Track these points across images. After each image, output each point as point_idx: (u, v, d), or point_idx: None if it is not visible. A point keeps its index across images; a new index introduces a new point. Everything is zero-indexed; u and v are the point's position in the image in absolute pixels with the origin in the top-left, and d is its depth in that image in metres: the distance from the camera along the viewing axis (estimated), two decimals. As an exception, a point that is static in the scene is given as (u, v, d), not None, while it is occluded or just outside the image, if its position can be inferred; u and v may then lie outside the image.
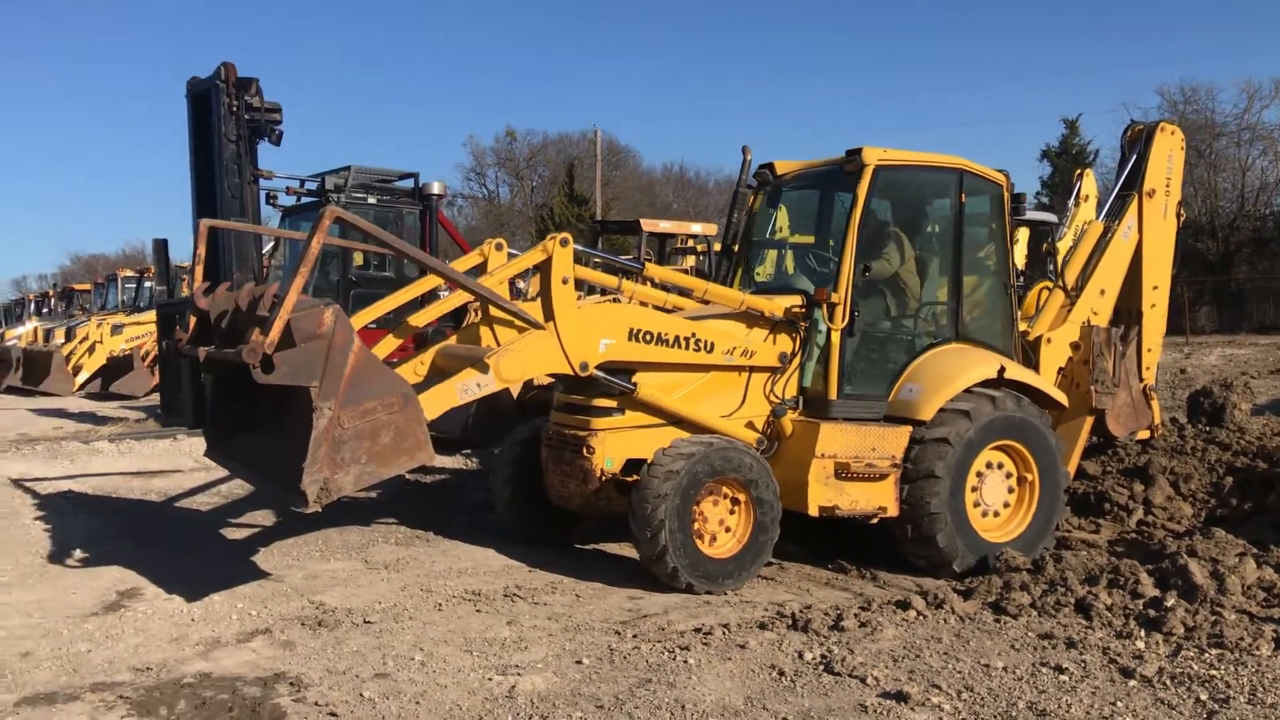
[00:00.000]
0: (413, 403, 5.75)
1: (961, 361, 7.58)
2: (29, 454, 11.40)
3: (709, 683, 5.04)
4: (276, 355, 5.37)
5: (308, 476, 5.36)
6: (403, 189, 14.32)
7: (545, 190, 58.79)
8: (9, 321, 35.71)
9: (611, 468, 6.97)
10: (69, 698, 4.85)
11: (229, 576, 6.90)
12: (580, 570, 7.18)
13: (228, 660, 5.36)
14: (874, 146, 7.46)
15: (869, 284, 7.54)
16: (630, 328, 6.92)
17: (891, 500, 7.28)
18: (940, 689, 4.91)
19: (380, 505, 9.33)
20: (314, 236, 5.66)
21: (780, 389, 7.45)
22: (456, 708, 4.72)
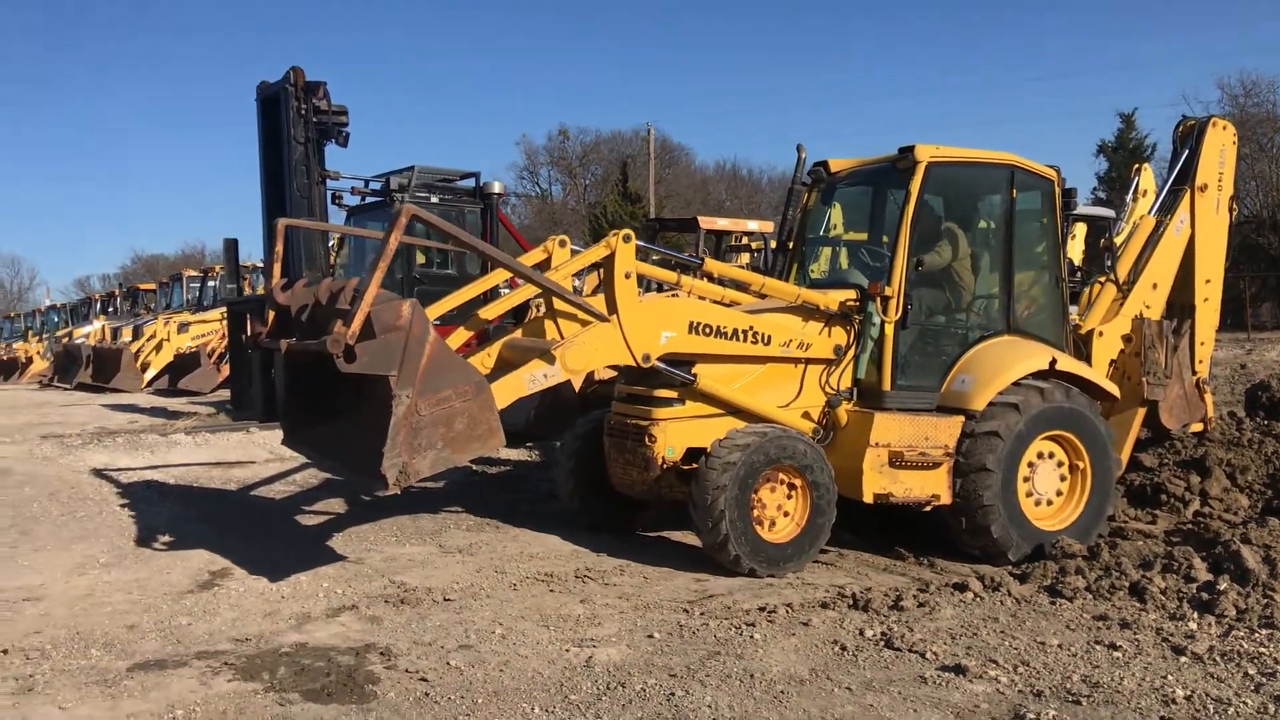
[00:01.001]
0: (485, 391, 6.01)
1: (1013, 353, 7.75)
2: (110, 446, 11.89)
3: (775, 655, 5.29)
4: (358, 346, 5.65)
5: (388, 460, 5.63)
6: (464, 188, 14.66)
7: (598, 189, 59.21)
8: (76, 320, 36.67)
9: (672, 456, 7.23)
10: (177, 664, 5.21)
11: (312, 558, 7.27)
12: (646, 555, 7.45)
13: (320, 633, 5.71)
14: (926, 144, 7.66)
15: (922, 278, 7.72)
16: (690, 321, 7.17)
17: (944, 488, 7.47)
18: (997, 663, 5.12)
19: (449, 494, 9.66)
20: (392, 233, 5.94)
21: (835, 380, 7.67)
22: (539, 675, 5.03)
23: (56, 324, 38.14)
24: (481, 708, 4.64)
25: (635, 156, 55.21)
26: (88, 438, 12.67)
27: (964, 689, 4.84)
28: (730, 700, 4.72)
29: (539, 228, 49.17)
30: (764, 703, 4.70)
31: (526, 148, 66.85)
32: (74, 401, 18.84)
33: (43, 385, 25.28)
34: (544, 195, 64.27)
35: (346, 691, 4.84)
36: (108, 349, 23.19)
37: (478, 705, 4.67)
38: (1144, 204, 12.88)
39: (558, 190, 64.51)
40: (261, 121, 13.17)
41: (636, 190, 49.29)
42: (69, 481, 9.90)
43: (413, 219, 6.17)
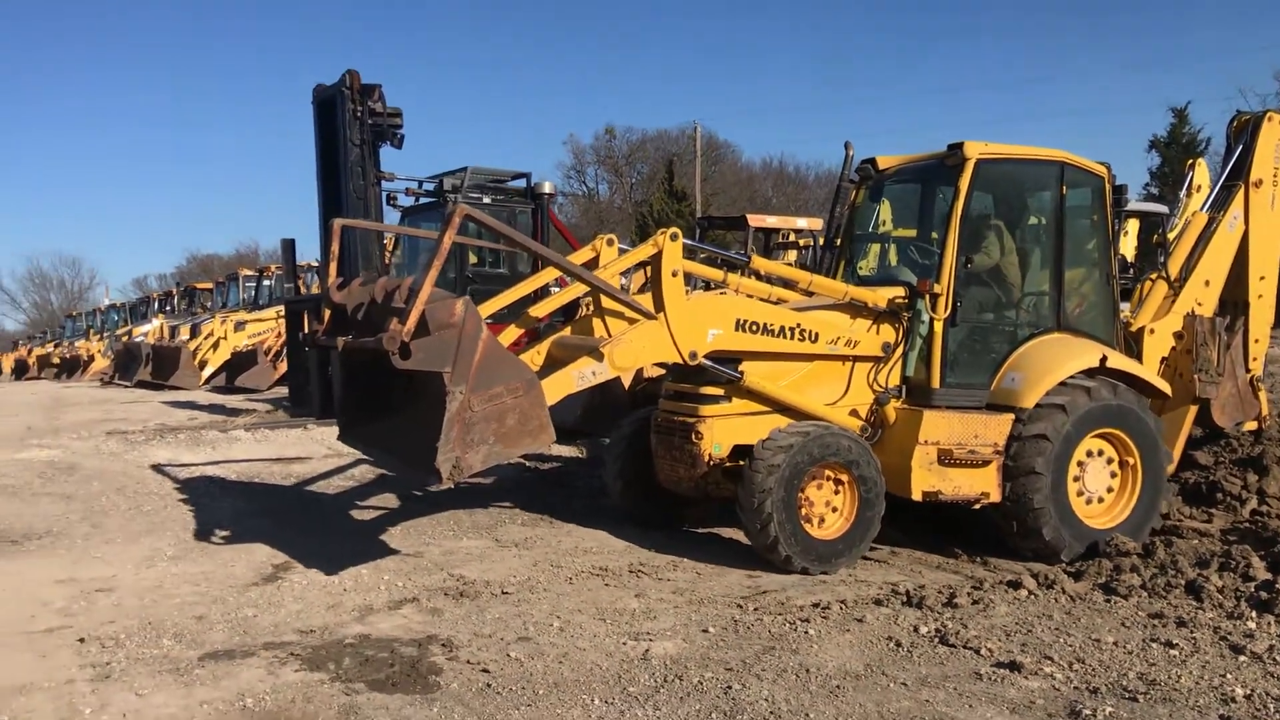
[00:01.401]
0: (535, 388, 6.09)
1: (1063, 351, 7.73)
2: (172, 442, 12.17)
3: (829, 651, 5.35)
4: (413, 343, 5.77)
5: (441, 455, 5.73)
6: (515, 189, 14.82)
7: (645, 187, 59.30)
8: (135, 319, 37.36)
9: (719, 453, 7.29)
10: (245, 654, 5.36)
11: (372, 551, 7.42)
12: (699, 551, 7.53)
13: (382, 624, 5.85)
14: (975, 140, 7.65)
15: (971, 275, 7.73)
16: (737, 318, 7.22)
17: (994, 486, 7.46)
18: (1052, 660, 5.15)
19: (504, 490, 9.79)
20: (446, 233, 6.05)
21: (884, 378, 7.69)
22: (597, 667, 5.13)
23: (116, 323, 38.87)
24: (543, 698, 4.75)
25: (681, 154, 55.21)
26: (150, 434, 12.96)
27: (1019, 685, 4.87)
28: (786, 694, 4.78)
29: (586, 226, 49.35)
30: (819, 697, 4.76)
31: (574, 147, 67.22)
32: (135, 399, 19.25)
33: (104, 383, 25.82)
34: (591, 194, 64.46)
35: (411, 682, 4.97)
36: (167, 347, 23.63)
37: (539, 696, 4.77)
38: (1197, 199, 12.71)
39: (605, 189, 64.71)
40: (318, 124, 13.40)
41: (683, 188, 49.28)
42: (134, 476, 10.16)
43: (465, 219, 6.28)
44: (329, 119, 13.13)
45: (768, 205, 50.45)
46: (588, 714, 4.58)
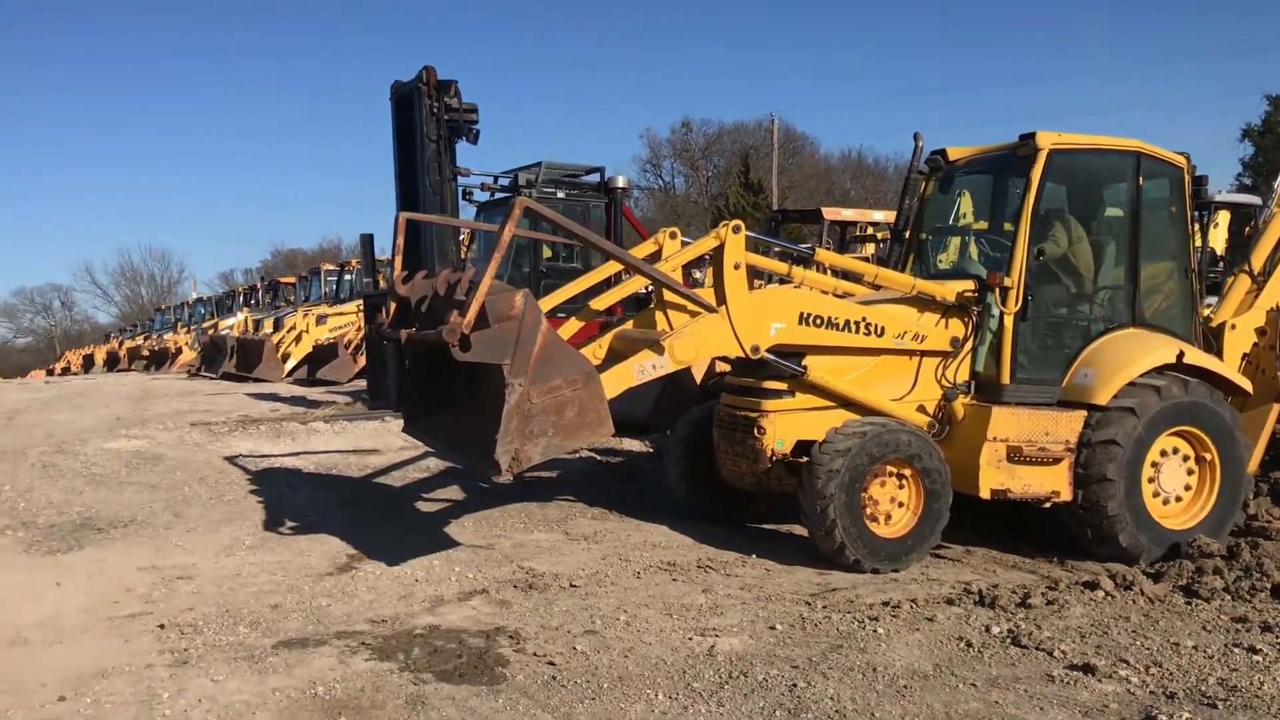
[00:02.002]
0: (595, 381, 6.07)
1: (1138, 346, 7.52)
2: (254, 433, 12.44)
3: (898, 650, 5.29)
4: (473, 335, 5.79)
5: (501, 447, 5.76)
6: (589, 183, 14.87)
7: (720, 180, 59.15)
8: (221, 313, 38.26)
9: (782, 448, 7.23)
10: (318, 643, 5.47)
11: (443, 543, 7.52)
12: (768, 547, 7.48)
13: (452, 615, 5.92)
14: (1048, 130, 7.47)
15: (1043, 268, 7.55)
16: (801, 312, 7.15)
17: (1065, 484, 7.29)
18: (1128, 663, 5.02)
19: (574, 485, 9.84)
20: (505, 226, 6.06)
21: (952, 373, 7.55)
22: (662, 662, 5.13)
23: (203, 316, 39.85)
24: (607, 692, 4.76)
25: (758, 147, 54.95)
26: (233, 425, 13.27)
27: (1093, 688, 4.76)
28: (852, 693, 4.74)
29: (661, 220, 49.33)
30: (886, 696, 4.71)
31: (650, 141, 67.13)
32: (220, 390, 19.69)
33: (190, 375, 26.46)
34: (666, 188, 64.45)
35: (477, 673, 5.02)
36: (250, 340, 24.14)
37: (603, 690, 4.79)
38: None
39: (680, 183, 64.64)
40: (396, 120, 13.57)
41: (759, 181, 49.03)
42: (216, 467, 10.41)
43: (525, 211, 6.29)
44: (406, 115, 13.30)
45: (846, 198, 50.02)
46: (651, 708, 4.59)
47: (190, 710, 4.58)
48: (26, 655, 5.32)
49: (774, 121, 50.45)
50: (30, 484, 9.60)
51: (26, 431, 13.10)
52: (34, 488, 9.44)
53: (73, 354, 46.24)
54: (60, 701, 4.69)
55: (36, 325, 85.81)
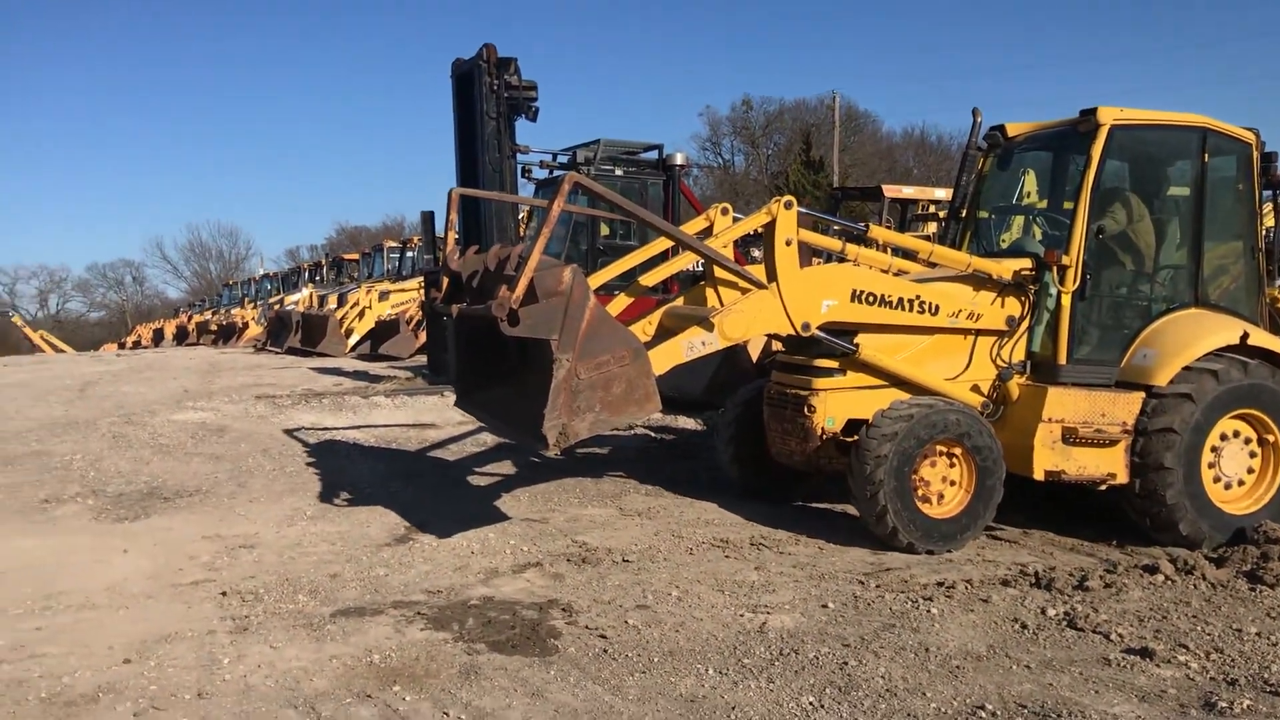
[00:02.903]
0: (642, 357, 6.06)
1: (1201, 327, 7.33)
2: (317, 406, 12.64)
3: (952, 630, 5.25)
4: (521, 310, 5.82)
5: (548, 422, 5.76)
6: (647, 160, 14.84)
7: (781, 158, 58.71)
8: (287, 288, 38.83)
9: (832, 427, 7.18)
10: (375, 611, 5.56)
11: (499, 516, 7.60)
12: (822, 526, 7.45)
13: (506, 587, 5.99)
14: (1110, 106, 7.31)
15: (1102, 247, 7.39)
16: (853, 289, 7.06)
17: (1121, 467, 7.15)
18: (1188, 649, 4.94)
19: (628, 461, 9.88)
20: (555, 201, 6.06)
21: (1007, 353, 7.44)
22: (713, 637, 5.14)
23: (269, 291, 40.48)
24: (657, 666, 4.79)
25: (819, 125, 54.43)
26: (297, 398, 13.49)
27: (1150, 673, 4.69)
28: (904, 672, 4.72)
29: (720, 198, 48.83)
30: (939, 676, 4.68)
31: (710, 118, 66.73)
32: (284, 364, 20.01)
33: (257, 349, 26.91)
34: (726, 166, 64.14)
35: (530, 644, 5.08)
36: (315, 315, 24.47)
37: (653, 663, 4.82)
38: None
39: (740, 161, 64.27)
40: (456, 98, 13.64)
41: (820, 159, 48.59)
42: (279, 439, 10.60)
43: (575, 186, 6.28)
44: (466, 93, 13.37)
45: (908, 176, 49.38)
46: (701, 683, 4.60)
47: (250, 675, 4.69)
48: (94, 618, 5.47)
49: (835, 99, 49.99)
50: (100, 454, 9.85)
51: (97, 403, 13.45)
52: (104, 457, 9.69)
53: (143, 328, 47.25)
54: (126, 664, 4.82)
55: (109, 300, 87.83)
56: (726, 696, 4.47)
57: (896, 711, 4.32)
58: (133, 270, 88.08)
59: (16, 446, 10.25)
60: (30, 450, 10.07)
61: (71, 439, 10.60)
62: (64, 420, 11.84)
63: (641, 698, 4.46)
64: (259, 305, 36.56)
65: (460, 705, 4.37)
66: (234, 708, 4.35)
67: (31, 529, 7.35)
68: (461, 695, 4.48)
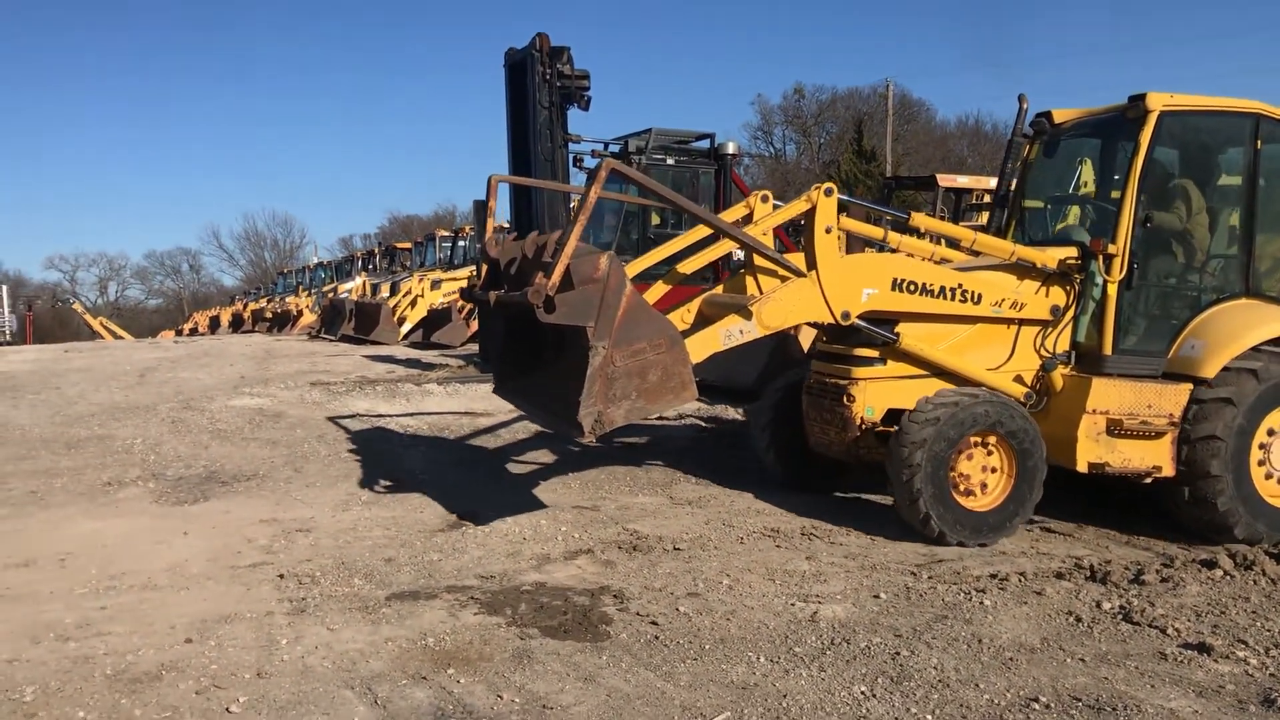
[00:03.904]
0: (679, 345, 6.04)
1: (1250, 318, 7.16)
2: (371, 394, 12.80)
3: (1005, 623, 5.22)
4: (557, 297, 5.80)
5: (584, 409, 5.76)
6: (699, 150, 14.81)
7: (832, 147, 58.30)
8: (340, 277, 39.27)
9: (872, 416, 7.11)
10: (429, 596, 5.63)
11: (551, 503, 7.65)
12: (874, 517, 7.40)
13: (558, 574, 6.03)
14: (1160, 92, 7.14)
15: (1150, 236, 7.24)
16: (894, 277, 6.98)
17: (1167, 460, 7.02)
18: (1246, 644, 4.87)
19: (679, 450, 9.89)
20: (591, 188, 6.00)
21: (1051, 343, 7.33)
22: (764, 626, 5.15)
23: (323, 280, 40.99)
24: (709, 653, 4.81)
25: (872, 114, 53.97)
26: (351, 385, 13.67)
27: (1208, 668, 4.63)
28: (956, 664, 4.70)
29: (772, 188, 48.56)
30: (991, 668, 4.66)
31: (761, 107, 66.35)
32: (338, 352, 20.25)
33: (311, 336, 27.23)
34: (777, 155, 63.78)
35: (582, 630, 5.12)
36: (368, 304, 24.72)
37: (705, 651, 4.84)
38: None
39: (791, 150, 63.87)
40: (509, 87, 13.72)
41: (872, 148, 48.18)
42: (334, 425, 10.75)
43: (612, 173, 6.23)
44: (519, 82, 13.44)
45: (962, 165, 48.79)
46: (752, 671, 4.62)
47: (307, 656, 4.77)
48: (156, 599, 5.60)
49: (889, 87, 49.48)
50: (160, 438, 10.05)
51: (156, 389, 13.71)
52: (163, 442, 9.89)
53: (200, 315, 48.04)
54: (187, 643, 4.92)
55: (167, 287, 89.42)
56: (778, 684, 4.47)
57: (949, 702, 4.30)
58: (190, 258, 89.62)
59: (80, 430, 10.48)
60: (93, 434, 10.30)
61: (132, 423, 10.83)
62: (125, 405, 12.09)
63: (693, 684, 4.48)
64: (313, 293, 37.02)
65: (514, 689, 4.42)
66: (292, 687, 4.43)
67: (95, 511, 7.52)
68: (515, 679, 4.52)
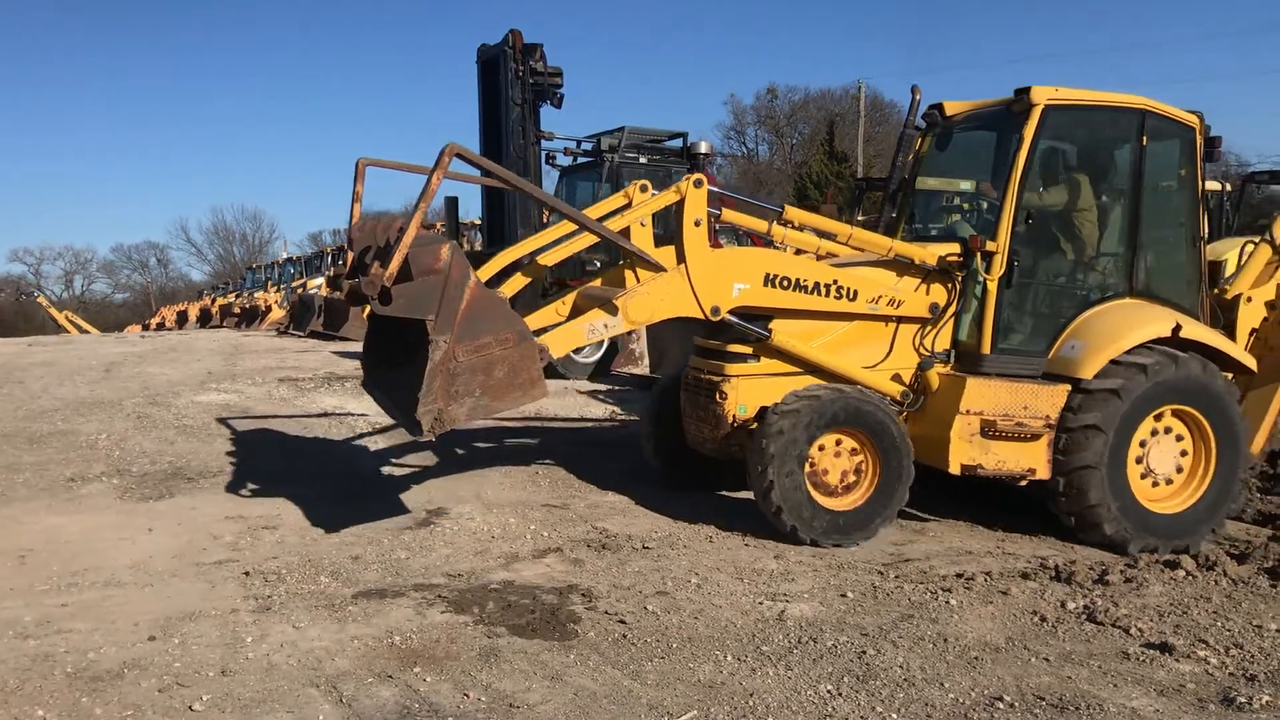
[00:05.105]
0: (527, 339, 5.86)
1: (1132, 318, 7.09)
2: (339, 390, 12.73)
3: (970, 622, 5.26)
4: (394, 288, 5.59)
5: (422, 406, 5.56)
6: (672, 149, 14.85)
7: (805, 148, 58.45)
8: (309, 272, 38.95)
9: (744, 414, 6.97)
10: (396, 594, 5.60)
11: (520, 502, 7.63)
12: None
13: (526, 572, 6.02)
14: (1045, 85, 7.05)
15: (1034, 233, 7.14)
16: (766, 272, 6.84)
17: (1043, 462, 6.95)
18: (1207, 644, 4.93)
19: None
20: (434, 174, 5.74)
21: (931, 341, 7.23)
22: (731, 624, 5.17)
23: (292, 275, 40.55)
24: (676, 652, 4.82)
25: (844, 115, 54.16)
26: (319, 382, 13.58)
27: (1169, 667, 4.69)
28: (922, 662, 4.73)
29: (744, 188, 48.98)
30: (957, 667, 4.69)
31: (734, 107, 66.57)
32: (307, 348, 20.11)
33: (279, 332, 27.03)
34: (750, 155, 63.90)
35: (550, 628, 5.11)
36: (337, 300, 24.55)
37: (672, 649, 4.85)
38: None
39: (764, 150, 64.01)
40: (481, 83, 13.69)
41: (844, 150, 48.37)
42: (302, 422, 10.67)
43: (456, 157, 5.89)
44: (492, 78, 13.41)
45: (933, 168, 48.93)
46: (720, 669, 4.63)
47: (272, 654, 4.74)
48: (120, 596, 5.54)
49: (860, 88, 49.66)
50: (125, 434, 9.95)
51: (122, 384, 13.56)
52: (128, 437, 9.79)
53: (167, 310, 47.57)
54: (150, 641, 4.88)
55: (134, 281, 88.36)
56: (745, 683, 4.49)
57: (914, 701, 4.33)
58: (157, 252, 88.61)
59: (43, 425, 10.36)
60: (56, 429, 10.18)
61: (97, 419, 10.71)
62: (89, 400, 11.96)
63: (660, 683, 4.49)
64: (282, 289, 36.70)
65: (480, 687, 4.41)
66: (257, 685, 4.40)
67: (58, 507, 7.44)
68: (481, 677, 4.51)
